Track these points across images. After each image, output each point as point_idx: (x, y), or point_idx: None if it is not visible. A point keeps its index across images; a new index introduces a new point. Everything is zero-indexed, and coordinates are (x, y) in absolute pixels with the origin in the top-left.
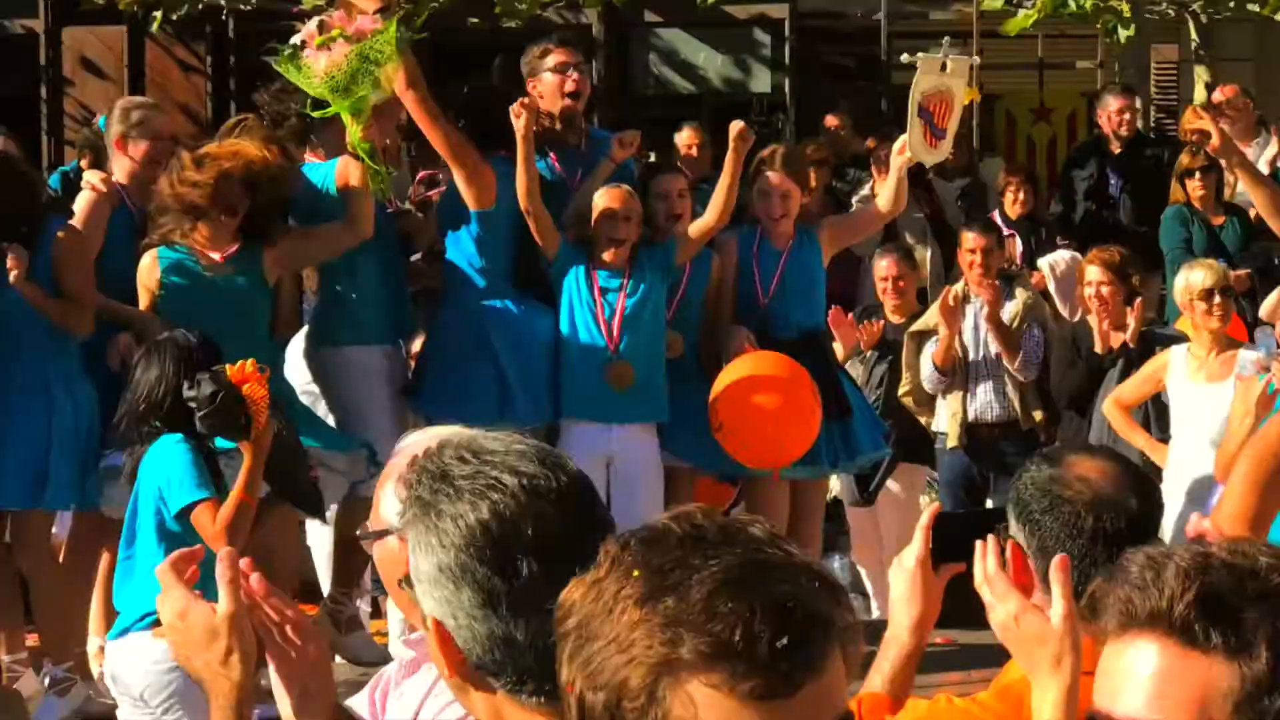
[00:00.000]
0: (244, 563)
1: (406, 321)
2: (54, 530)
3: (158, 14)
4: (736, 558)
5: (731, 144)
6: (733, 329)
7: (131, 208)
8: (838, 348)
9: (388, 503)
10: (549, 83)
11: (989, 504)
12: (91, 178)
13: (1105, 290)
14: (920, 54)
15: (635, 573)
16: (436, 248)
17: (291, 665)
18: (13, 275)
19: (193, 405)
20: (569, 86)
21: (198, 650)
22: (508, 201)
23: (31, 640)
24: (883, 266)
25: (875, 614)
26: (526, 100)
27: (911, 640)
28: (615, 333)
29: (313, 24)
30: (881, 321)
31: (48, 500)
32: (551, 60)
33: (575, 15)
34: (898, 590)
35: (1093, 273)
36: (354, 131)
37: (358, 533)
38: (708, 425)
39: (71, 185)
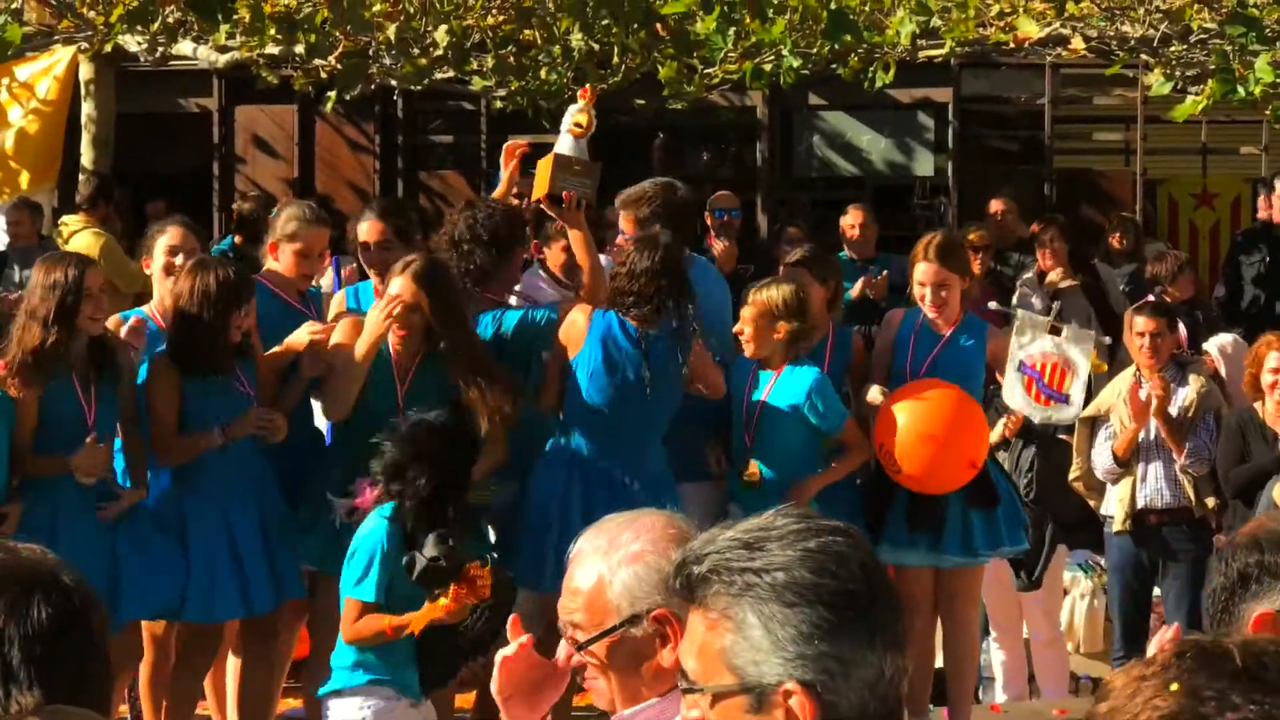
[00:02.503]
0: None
1: None
2: None
3: (332, 93)
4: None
5: None
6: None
7: (284, 297)
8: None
9: (629, 585)
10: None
11: (1157, 591)
12: None
13: None
14: (1021, 311)
15: (1174, 686)
16: None
17: None
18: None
19: (416, 557)
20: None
21: None
22: None
23: None
24: None
25: (1003, 698)
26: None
27: None
28: (752, 428)
29: None
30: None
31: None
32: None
33: (740, 97)
34: None
35: (1275, 359)
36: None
37: (586, 636)
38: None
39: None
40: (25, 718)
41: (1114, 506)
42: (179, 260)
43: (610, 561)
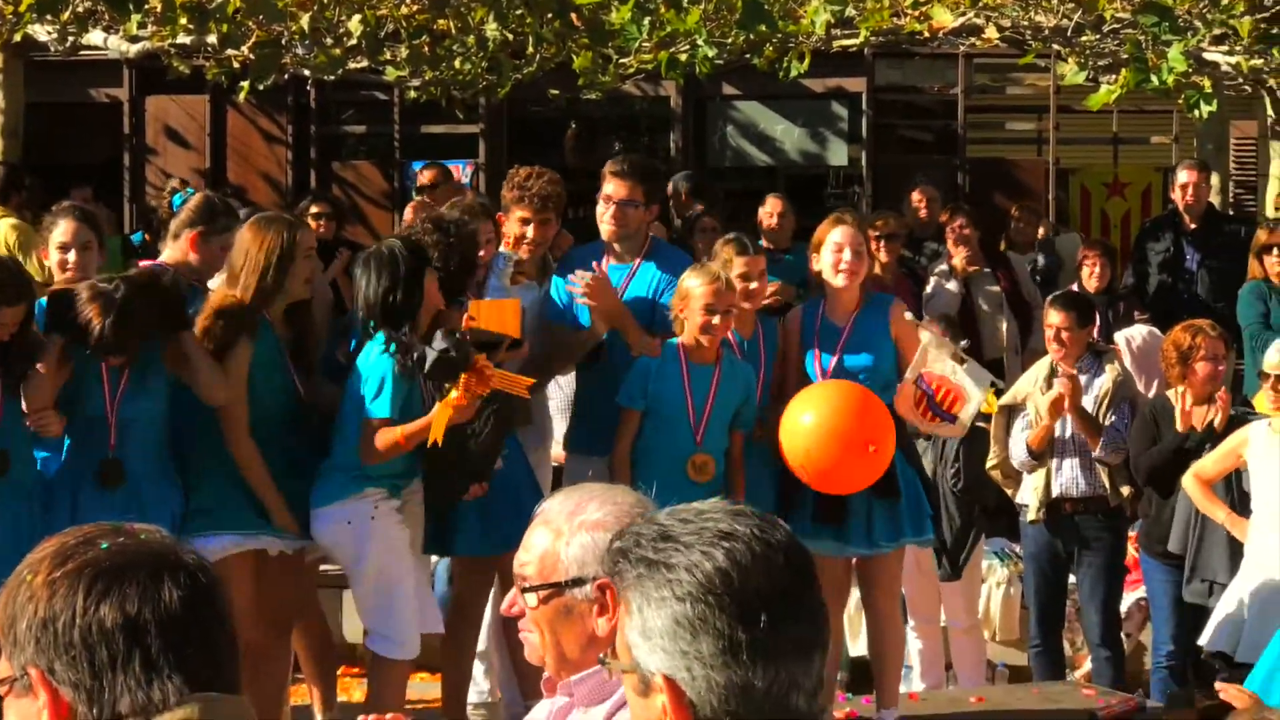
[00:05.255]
0: None
1: None
2: None
3: (244, 83)
4: None
5: None
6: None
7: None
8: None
9: (583, 549)
10: (599, 209)
11: (1072, 579)
12: None
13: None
14: (928, 334)
15: None
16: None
17: None
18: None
19: (426, 350)
20: (606, 220)
21: None
22: None
23: None
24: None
25: (920, 686)
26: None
27: None
28: (703, 424)
29: None
30: None
31: None
32: (604, 188)
33: (654, 87)
34: None
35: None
36: None
37: (531, 584)
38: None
39: (135, 255)
40: (186, 708)
41: (1029, 495)
42: (71, 257)
43: (571, 524)
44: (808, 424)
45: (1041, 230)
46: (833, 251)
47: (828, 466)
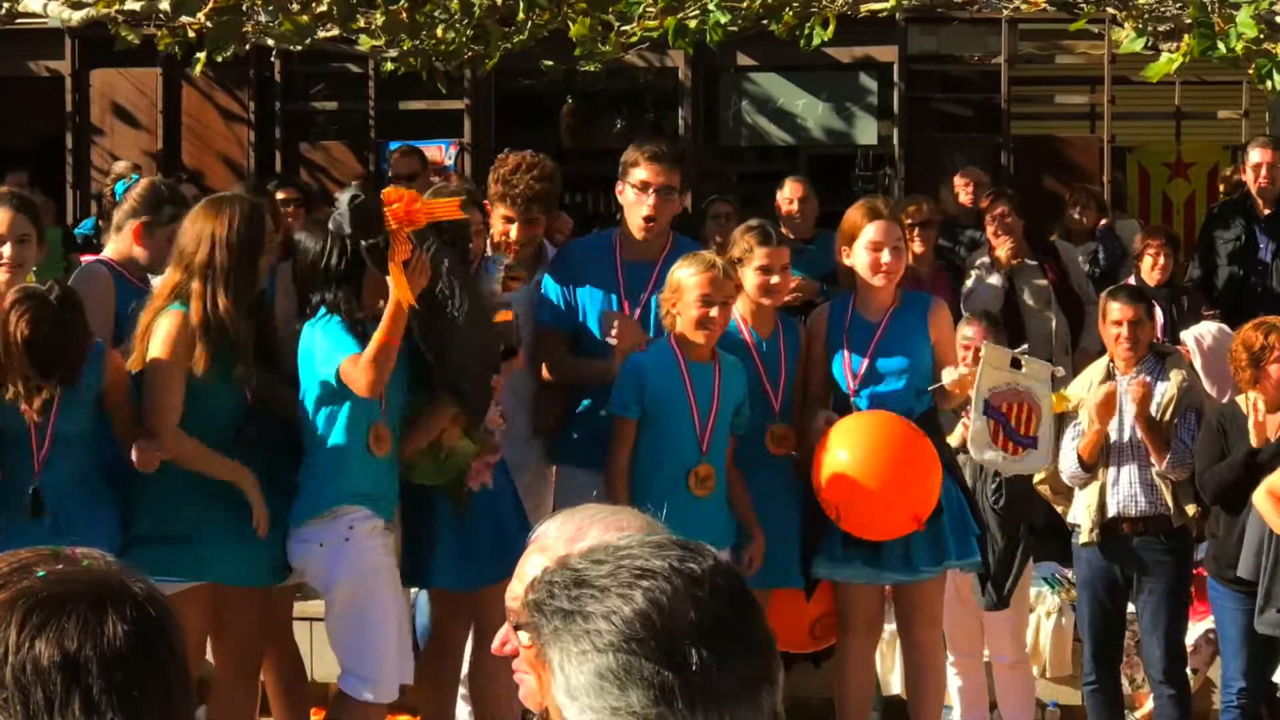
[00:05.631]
0: None
1: None
2: None
3: (201, 55)
4: None
5: None
6: (813, 410)
7: (134, 281)
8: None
9: None
10: (630, 197)
11: (1131, 608)
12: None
13: None
14: (987, 343)
15: None
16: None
17: None
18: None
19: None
20: (645, 211)
21: None
22: None
23: None
24: (969, 335)
25: None
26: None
27: None
28: (708, 430)
29: None
30: None
31: None
32: (635, 174)
33: (660, 58)
34: None
35: None
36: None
37: (524, 621)
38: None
39: (88, 249)
40: None
41: (1082, 514)
42: (6, 251)
43: (570, 550)
44: (848, 466)
45: (1104, 219)
46: (869, 250)
47: (862, 521)
